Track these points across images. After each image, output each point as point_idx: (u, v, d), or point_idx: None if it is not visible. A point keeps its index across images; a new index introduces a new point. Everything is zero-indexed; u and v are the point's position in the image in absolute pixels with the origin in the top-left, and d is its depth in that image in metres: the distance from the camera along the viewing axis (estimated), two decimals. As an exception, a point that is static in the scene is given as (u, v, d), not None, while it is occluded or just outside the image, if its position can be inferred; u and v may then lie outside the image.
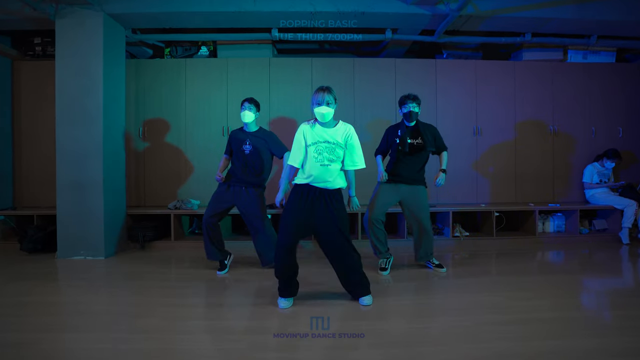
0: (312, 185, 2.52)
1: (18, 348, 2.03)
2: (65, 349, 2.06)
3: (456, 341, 2.09)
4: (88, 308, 2.60)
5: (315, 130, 2.53)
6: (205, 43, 4.76)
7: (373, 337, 2.14)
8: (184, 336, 2.17)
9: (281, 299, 2.57)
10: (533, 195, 4.88)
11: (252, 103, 3.29)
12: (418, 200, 3.34)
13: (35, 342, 2.09)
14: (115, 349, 2.03)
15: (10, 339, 2.14)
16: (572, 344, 2.04)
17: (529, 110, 4.89)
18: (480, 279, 3.21)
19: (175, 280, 3.31)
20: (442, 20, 4.05)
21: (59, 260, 3.79)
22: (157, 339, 2.13)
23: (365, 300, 2.58)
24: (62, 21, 3.77)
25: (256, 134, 3.35)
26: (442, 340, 2.11)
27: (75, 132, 3.80)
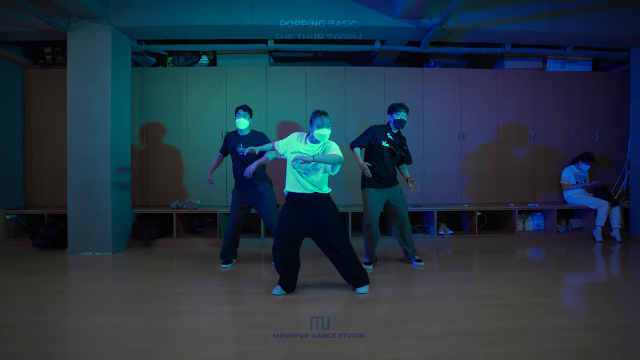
0: (298, 193, 2.81)
1: (37, 326, 2.33)
2: (79, 328, 2.35)
3: (430, 321, 2.39)
4: (99, 296, 2.90)
5: (303, 145, 2.85)
6: (206, 52, 5.05)
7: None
8: (185, 317, 2.46)
9: (277, 287, 2.89)
10: (515, 196, 5.18)
11: (246, 110, 3.58)
12: (400, 198, 3.64)
13: (52, 323, 2.38)
14: (124, 327, 2.33)
15: (30, 319, 2.44)
16: (530, 324, 2.34)
17: (511, 116, 5.19)
18: (461, 273, 3.50)
19: (178, 272, 3.59)
20: (426, 32, 4.36)
21: (70, 255, 4.08)
22: (162, 321, 2.42)
23: (362, 289, 2.89)
24: (73, 34, 4.06)
25: (248, 136, 3.62)
26: (418, 320, 2.40)
27: (84, 138, 4.09)
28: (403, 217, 3.66)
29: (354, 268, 2.89)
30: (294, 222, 2.81)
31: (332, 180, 3.67)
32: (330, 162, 2.75)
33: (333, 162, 2.75)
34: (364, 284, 2.91)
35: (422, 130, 5.11)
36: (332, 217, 2.83)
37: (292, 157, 2.83)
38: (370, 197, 3.53)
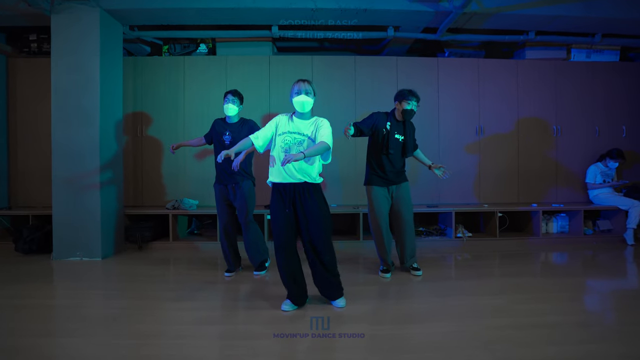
0: (284, 184, 2.43)
1: (11, 353, 1.95)
2: (61, 355, 1.98)
3: (458, 346, 2.02)
4: (85, 312, 2.52)
5: (289, 122, 2.48)
6: (204, 40, 4.68)
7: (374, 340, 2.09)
8: (183, 341, 2.10)
9: (286, 301, 2.53)
10: (535, 195, 4.83)
11: (235, 96, 3.20)
12: (405, 197, 3.23)
13: (29, 348, 2.01)
14: (116, 354, 1.96)
15: (3, 344, 2.06)
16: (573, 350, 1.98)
17: (532, 110, 4.83)
18: (486, 282, 3.14)
19: (174, 282, 3.23)
20: (445, 17, 3.99)
21: (55, 261, 3.71)
22: (156, 345, 2.06)
23: (339, 302, 2.53)
24: (57, 17, 3.69)
25: (236, 124, 3.25)
26: (444, 345, 2.04)
27: (71, 131, 3.73)
28: (405, 219, 3.24)
29: (329, 276, 2.50)
30: (290, 218, 2.43)
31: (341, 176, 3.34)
32: (320, 152, 2.36)
33: (322, 151, 2.37)
34: (339, 296, 2.55)
35: (437, 125, 4.75)
36: (322, 214, 2.44)
37: (281, 139, 2.44)
38: (374, 195, 3.16)
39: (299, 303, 2.52)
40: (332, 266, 2.51)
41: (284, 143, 2.43)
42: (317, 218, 2.42)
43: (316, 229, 2.42)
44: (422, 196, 4.70)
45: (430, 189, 4.73)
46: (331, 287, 2.53)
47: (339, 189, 4.65)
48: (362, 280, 3.18)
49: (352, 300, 2.62)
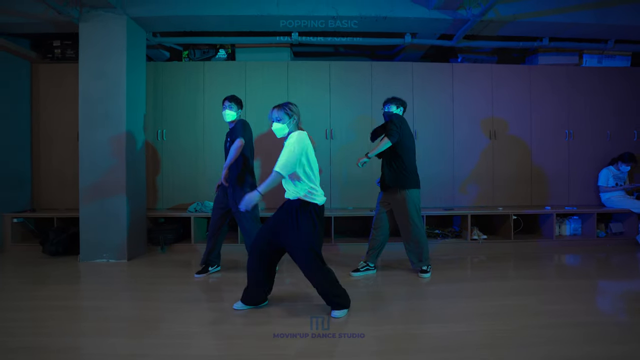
0: (286, 197, 2.53)
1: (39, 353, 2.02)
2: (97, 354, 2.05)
3: (499, 346, 2.10)
4: (115, 314, 2.59)
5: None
6: (224, 46, 4.77)
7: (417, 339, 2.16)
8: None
9: (239, 302, 2.61)
10: (548, 198, 4.91)
11: (232, 101, 3.29)
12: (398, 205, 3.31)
13: (70, 348, 2.10)
14: (157, 353, 2.04)
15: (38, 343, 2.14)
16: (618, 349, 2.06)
17: (545, 114, 4.91)
18: (509, 284, 3.22)
19: (198, 283, 3.30)
20: (463, 25, 4.08)
21: (82, 263, 3.80)
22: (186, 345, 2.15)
23: (335, 312, 2.47)
24: (86, 24, 3.78)
25: (231, 126, 3.35)
26: (485, 344, 2.12)
27: (98, 135, 3.81)
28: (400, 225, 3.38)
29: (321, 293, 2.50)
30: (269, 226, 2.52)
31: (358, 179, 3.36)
32: (272, 184, 2.39)
33: (273, 183, 2.38)
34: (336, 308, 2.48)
35: (452, 129, 4.83)
36: (304, 232, 2.40)
37: None
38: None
39: (249, 302, 2.60)
40: (324, 287, 2.47)
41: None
42: (292, 239, 2.43)
43: (293, 249, 2.45)
44: (438, 199, 4.79)
45: (445, 192, 4.82)
46: (328, 301, 2.51)
47: (354, 191, 4.73)
48: (396, 281, 3.27)
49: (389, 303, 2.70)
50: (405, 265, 3.61)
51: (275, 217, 2.53)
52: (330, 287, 2.48)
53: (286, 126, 2.50)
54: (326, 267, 2.48)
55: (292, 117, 2.50)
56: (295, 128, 2.54)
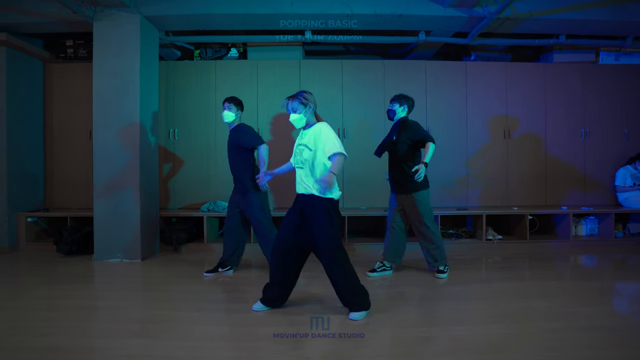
0: (299, 193, 2.47)
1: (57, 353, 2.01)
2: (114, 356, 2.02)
3: (522, 349, 2.06)
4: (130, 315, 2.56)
5: (299, 138, 2.54)
6: (235, 45, 4.75)
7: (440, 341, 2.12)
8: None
9: (258, 302, 2.56)
10: (563, 198, 4.84)
11: (231, 102, 3.26)
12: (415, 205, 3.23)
13: (77, 349, 2.07)
14: (173, 355, 2.02)
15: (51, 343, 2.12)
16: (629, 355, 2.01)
17: (560, 112, 4.84)
18: (530, 285, 3.17)
19: (211, 283, 3.27)
20: (479, 22, 4.03)
21: (96, 262, 3.79)
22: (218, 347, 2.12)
23: (354, 315, 2.40)
24: (100, 23, 3.78)
25: (233, 130, 3.30)
26: (505, 347, 2.08)
27: (112, 134, 3.81)
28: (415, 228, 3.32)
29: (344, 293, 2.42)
30: (291, 225, 2.44)
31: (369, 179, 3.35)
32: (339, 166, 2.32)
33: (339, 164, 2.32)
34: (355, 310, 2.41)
35: (465, 128, 4.78)
36: (321, 228, 2.34)
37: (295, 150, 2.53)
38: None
39: (275, 304, 2.56)
40: (344, 284, 2.40)
41: (294, 154, 2.52)
42: (316, 230, 2.35)
43: (317, 242, 2.38)
44: (451, 199, 4.74)
45: (458, 192, 4.77)
46: (345, 300, 2.45)
47: (367, 191, 4.69)
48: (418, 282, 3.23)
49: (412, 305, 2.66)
50: (422, 266, 3.57)
51: (294, 214, 2.45)
52: (351, 285, 2.40)
53: (303, 115, 2.43)
54: (349, 264, 2.44)
55: (307, 105, 2.42)
56: (313, 116, 2.48)
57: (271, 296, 2.54)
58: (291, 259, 2.47)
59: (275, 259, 2.49)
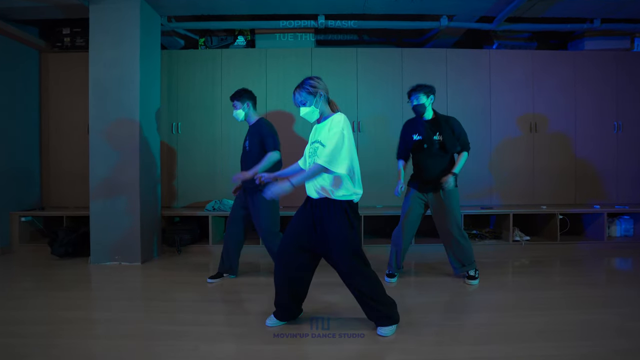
0: (309, 196, 2.16)
1: None
2: None
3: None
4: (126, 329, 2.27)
5: (314, 130, 2.21)
6: (242, 32, 4.45)
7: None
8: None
9: (271, 316, 2.27)
10: (594, 196, 4.50)
11: (237, 100, 2.94)
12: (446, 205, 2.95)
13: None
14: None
15: None
16: None
17: (590, 105, 4.50)
18: (570, 293, 2.83)
19: (215, 291, 2.98)
20: (507, 5, 3.70)
21: (92, 265, 3.51)
22: None
23: (383, 330, 2.10)
24: (96, 7, 3.49)
25: (252, 127, 2.99)
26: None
27: (110, 127, 3.52)
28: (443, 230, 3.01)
29: (369, 302, 2.10)
30: (297, 230, 2.14)
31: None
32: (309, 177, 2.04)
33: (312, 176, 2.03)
34: (383, 325, 2.11)
35: (489, 122, 4.45)
36: (338, 233, 2.04)
37: (307, 150, 2.20)
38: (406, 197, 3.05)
39: (284, 318, 2.26)
40: (368, 293, 2.09)
41: (308, 155, 2.19)
42: (332, 237, 2.06)
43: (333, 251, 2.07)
44: (474, 197, 4.42)
45: (482, 190, 4.44)
46: (369, 313, 2.15)
47: (384, 188, 4.38)
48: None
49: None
50: (449, 270, 3.25)
51: (302, 219, 2.14)
52: (375, 293, 2.10)
53: (314, 107, 2.10)
54: (370, 270, 2.12)
55: (316, 93, 2.09)
56: (326, 105, 2.14)
57: (285, 310, 2.24)
58: (299, 269, 2.17)
59: (280, 272, 2.17)
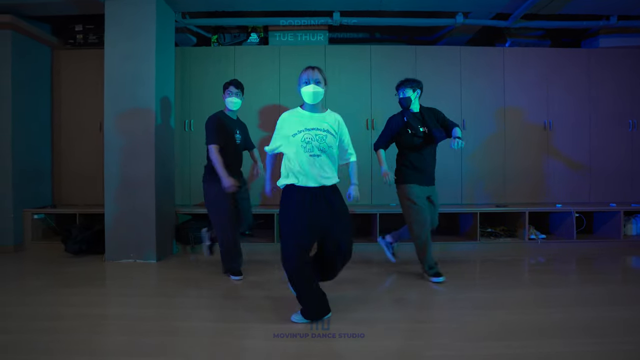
0: (306, 187, 2.13)
1: None
2: None
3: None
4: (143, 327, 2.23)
5: (300, 117, 2.20)
6: (255, 29, 4.43)
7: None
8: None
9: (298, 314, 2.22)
10: (609, 194, 4.46)
11: (239, 88, 3.01)
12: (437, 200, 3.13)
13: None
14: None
15: None
16: None
17: (605, 103, 4.47)
18: (594, 289, 2.80)
19: (229, 289, 2.95)
20: (524, 1, 3.67)
21: (107, 263, 3.49)
22: None
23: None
24: (112, 3, 3.47)
25: (239, 122, 3.13)
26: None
27: (125, 123, 3.50)
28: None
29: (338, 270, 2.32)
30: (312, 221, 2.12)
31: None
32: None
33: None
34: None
35: (503, 120, 4.42)
36: (347, 213, 2.25)
37: (299, 137, 2.15)
38: (413, 193, 2.95)
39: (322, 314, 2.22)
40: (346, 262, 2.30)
41: (304, 142, 2.14)
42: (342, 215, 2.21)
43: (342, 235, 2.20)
44: (487, 195, 4.40)
45: (495, 187, 4.41)
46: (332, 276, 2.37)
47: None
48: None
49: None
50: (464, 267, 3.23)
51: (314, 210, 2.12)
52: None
53: (323, 93, 2.23)
54: None
55: (325, 87, 2.26)
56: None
57: (316, 308, 2.19)
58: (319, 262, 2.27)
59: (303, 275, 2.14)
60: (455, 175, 4.37)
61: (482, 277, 3.24)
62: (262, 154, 2.81)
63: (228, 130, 2.95)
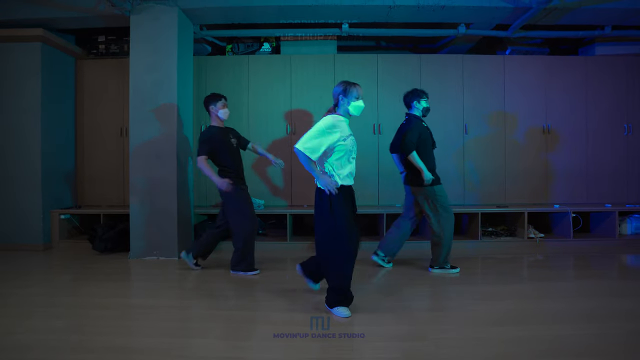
0: (348, 186, 2.44)
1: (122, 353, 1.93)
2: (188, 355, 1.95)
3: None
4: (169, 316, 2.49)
5: (346, 122, 2.44)
6: (268, 39, 4.67)
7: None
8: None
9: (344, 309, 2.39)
10: (605, 196, 4.68)
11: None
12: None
13: (145, 350, 1.99)
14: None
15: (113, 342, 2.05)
16: None
17: (602, 107, 4.68)
18: (596, 282, 3.02)
19: (251, 282, 3.18)
20: (524, 13, 3.90)
21: (132, 260, 3.73)
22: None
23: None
24: (137, 17, 3.72)
25: (228, 128, 3.42)
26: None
27: (149, 130, 3.74)
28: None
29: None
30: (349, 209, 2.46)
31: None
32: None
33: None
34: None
35: (503, 123, 4.64)
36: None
37: (349, 142, 2.37)
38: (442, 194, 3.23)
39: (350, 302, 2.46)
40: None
41: (352, 146, 2.43)
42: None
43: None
44: (489, 196, 4.62)
45: (496, 189, 4.63)
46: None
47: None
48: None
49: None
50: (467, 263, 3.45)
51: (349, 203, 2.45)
52: None
53: None
54: None
55: None
56: None
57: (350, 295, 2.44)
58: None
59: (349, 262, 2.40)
60: (458, 177, 4.59)
61: (485, 273, 3.45)
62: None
63: (221, 140, 3.26)
